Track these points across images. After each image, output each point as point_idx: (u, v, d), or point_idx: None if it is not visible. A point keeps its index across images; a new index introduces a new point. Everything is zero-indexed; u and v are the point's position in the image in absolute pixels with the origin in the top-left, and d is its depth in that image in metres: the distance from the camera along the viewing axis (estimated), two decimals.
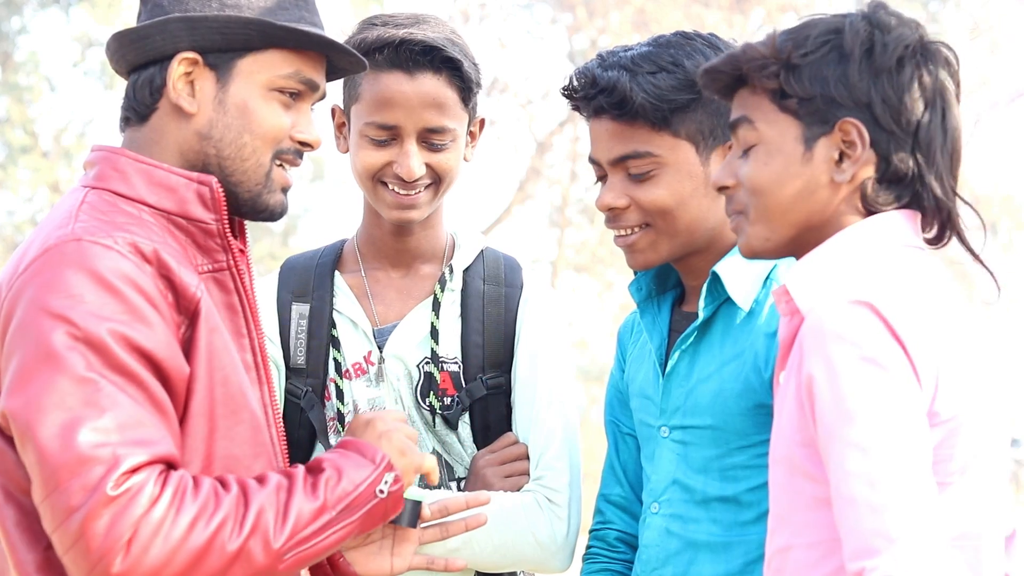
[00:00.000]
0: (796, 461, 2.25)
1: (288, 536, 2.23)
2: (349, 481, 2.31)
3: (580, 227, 19.39)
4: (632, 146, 2.70)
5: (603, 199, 2.74)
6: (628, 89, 2.67)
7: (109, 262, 2.22)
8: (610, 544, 2.89)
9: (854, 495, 2.13)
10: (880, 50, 2.29)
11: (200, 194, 2.37)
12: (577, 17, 18.52)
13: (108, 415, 2.16)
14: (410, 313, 2.97)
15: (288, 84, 2.42)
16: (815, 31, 2.32)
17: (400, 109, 2.87)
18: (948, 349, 2.22)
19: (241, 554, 2.20)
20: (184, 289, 2.29)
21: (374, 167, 2.90)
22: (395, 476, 2.36)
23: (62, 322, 2.18)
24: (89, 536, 2.13)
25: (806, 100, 2.31)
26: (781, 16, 17.74)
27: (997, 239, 18.02)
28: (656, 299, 2.83)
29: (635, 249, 2.74)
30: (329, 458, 2.35)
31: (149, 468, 2.17)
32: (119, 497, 2.13)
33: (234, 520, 2.20)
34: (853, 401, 2.15)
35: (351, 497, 2.31)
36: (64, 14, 18.45)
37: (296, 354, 2.98)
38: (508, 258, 3.04)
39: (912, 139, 2.30)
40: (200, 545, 2.17)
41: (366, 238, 3.02)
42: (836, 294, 2.22)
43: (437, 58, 2.87)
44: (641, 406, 2.81)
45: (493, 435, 2.93)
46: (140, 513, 2.14)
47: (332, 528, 2.28)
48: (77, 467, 2.14)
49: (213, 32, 2.37)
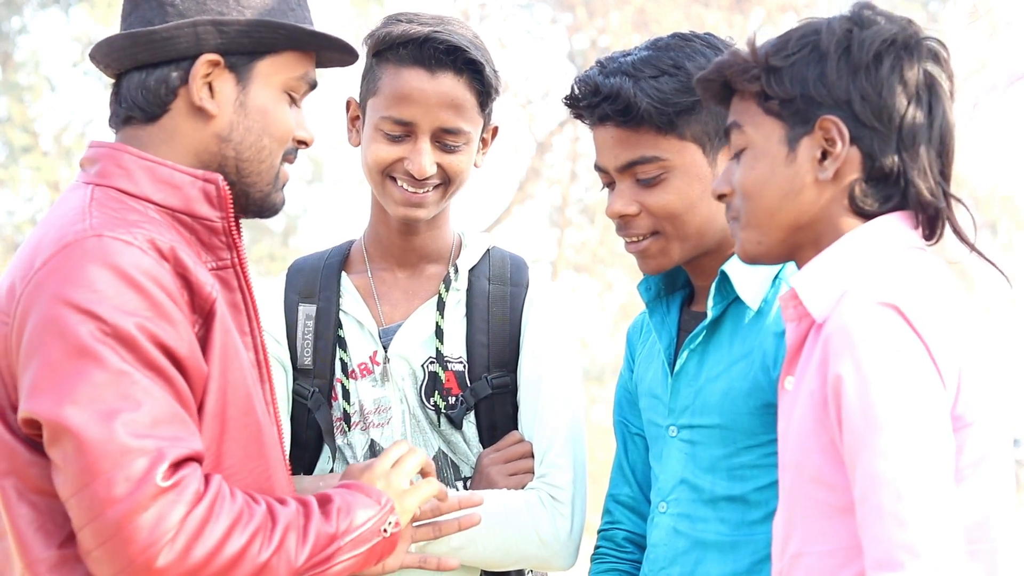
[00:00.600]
0: (809, 469, 2.25)
1: (308, 557, 2.26)
2: (358, 516, 2.35)
3: (580, 227, 19.38)
4: (639, 151, 2.70)
5: (613, 207, 2.74)
6: (632, 95, 2.67)
7: (131, 258, 2.22)
8: (618, 544, 2.90)
9: (881, 504, 2.13)
10: (857, 46, 2.30)
11: (206, 192, 2.37)
12: (577, 17, 18.51)
13: (145, 408, 2.16)
14: (415, 313, 2.98)
15: (299, 85, 2.45)
16: (797, 34, 2.34)
17: (417, 106, 2.87)
18: (969, 352, 2.23)
19: (266, 568, 2.21)
20: (200, 288, 2.29)
21: (385, 161, 2.90)
22: (396, 520, 2.41)
23: (89, 317, 2.17)
24: (133, 528, 2.12)
25: (787, 101, 2.32)
26: (781, 16, 17.73)
27: (997, 239, 18.02)
28: (665, 299, 2.84)
29: (647, 255, 2.74)
30: (337, 492, 2.38)
31: (191, 464, 2.18)
32: (169, 490, 2.13)
33: (264, 534, 2.22)
34: (883, 408, 2.15)
35: (360, 531, 2.34)
36: (64, 14, 18.45)
37: (303, 355, 2.98)
38: (515, 257, 3.04)
39: (896, 135, 2.29)
40: (236, 552, 2.18)
41: (373, 238, 3.03)
42: (860, 296, 2.22)
43: (460, 59, 2.87)
44: (650, 405, 2.81)
45: (499, 434, 2.94)
46: (186, 510, 2.14)
47: (342, 556, 2.32)
48: (120, 458, 2.12)
49: (242, 35, 2.38)
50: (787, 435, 2.32)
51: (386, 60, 2.90)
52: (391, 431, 2.94)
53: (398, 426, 2.94)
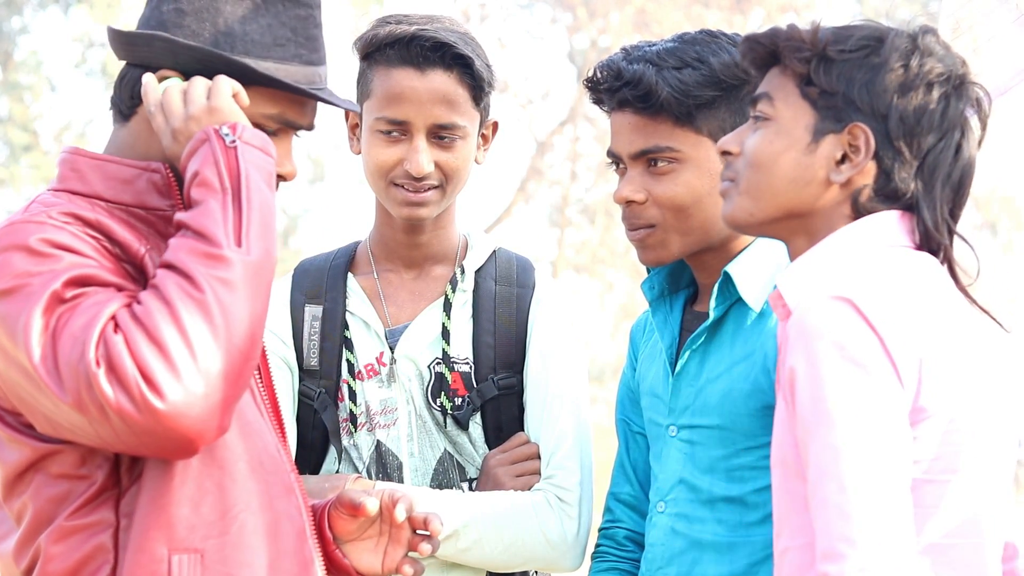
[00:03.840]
0: (790, 462, 2.26)
1: (233, 239, 2.19)
2: (204, 176, 2.24)
3: (580, 227, 19.38)
4: (654, 140, 2.71)
5: (621, 192, 2.74)
6: (654, 83, 2.67)
7: (40, 234, 2.21)
8: (619, 543, 2.90)
9: (826, 497, 2.15)
10: (916, 69, 2.31)
11: (153, 182, 2.34)
12: (577, 17, 18.51)
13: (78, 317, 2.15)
14: (421, 314, 2.98)
15: (266, 124, 2.38)
16: (860, 32, 2.34)
17: (410, 104, 2.88)
18: (933, 343, 2.23)
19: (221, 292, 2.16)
20: (127, 245, 2.27)
21: (386, 165, 2.91)
22: (226, 129, 2.27)
23: (8, 298, 2.17)
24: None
25: (828, 94, 2.32)
26: (781, 16, 17.74)
27: (997, 239, 18.02)
28: (669, 298, 2.84)
29: (645, 245, 2.74)
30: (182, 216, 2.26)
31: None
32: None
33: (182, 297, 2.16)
34: (832, 403, 2.17)
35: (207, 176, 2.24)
36: (64, 14, 18.45)
37: (309, 356, 2.98)
38: (521, 258, 3.05)
39: (919, 163, 2.32)
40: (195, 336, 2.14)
41: (378, 239, 3.03)
42: (818, 291, 2.23)
43: (448, 54, 2.88)
44: (651, 405, 2.81)
45: (505, 435, 2.94)
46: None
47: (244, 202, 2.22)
48: (68, 357, 2.12)
49: (195, 61, 2.34)
50: (774, 435, 2.33)
51: (376, 62, 2.92)
52: (397, 432, 2.95)
53: (404, 427, 2.95)
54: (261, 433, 2.37)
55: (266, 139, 2.30)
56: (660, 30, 16.90)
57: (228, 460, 2.30)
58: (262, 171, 2.26)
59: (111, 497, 2.27)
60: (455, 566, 2.89)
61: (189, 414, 2.11)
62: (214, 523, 2.27)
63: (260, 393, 2.42)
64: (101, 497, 2.26)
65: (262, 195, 2.24)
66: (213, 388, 2.13)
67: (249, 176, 2.24)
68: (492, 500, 2.85)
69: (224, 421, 2.16)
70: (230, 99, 2.31)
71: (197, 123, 2.29)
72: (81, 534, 2.24)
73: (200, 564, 2.26)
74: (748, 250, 2.72)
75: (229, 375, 2.15)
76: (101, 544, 2.25)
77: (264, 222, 2.23)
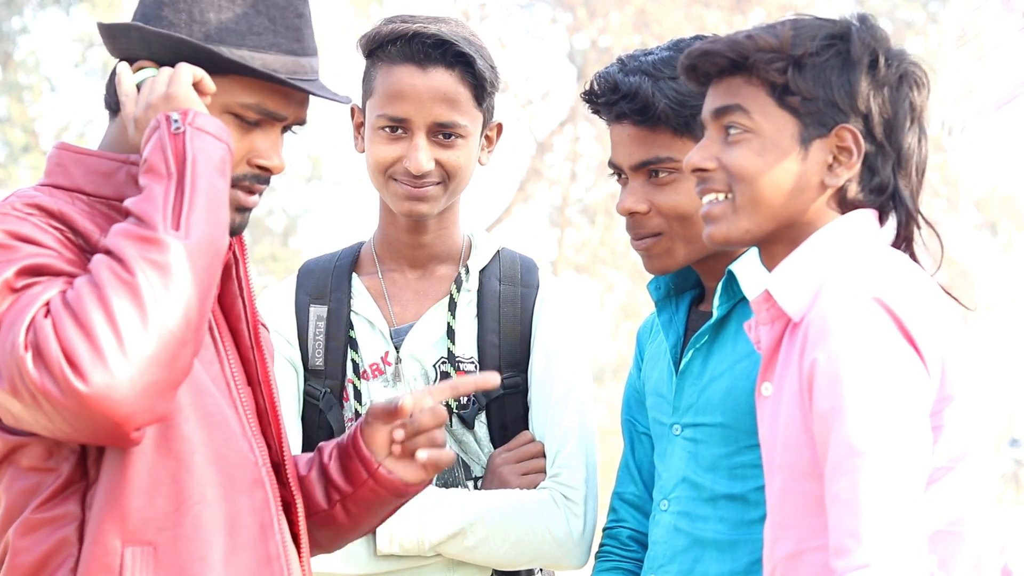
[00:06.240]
0: (803, 466, 2.26)
1: (170, 223, 2.18)
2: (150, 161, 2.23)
3: (580, 227, 19.38)
4: (654, 152, 2.72)
5: (624, 203, 2.74)
6: (650, 95, 2.68)
7: (2, 225, 2.21)
8: (622, 542, 2.90)
9: (839, 493, 2.16)
10: (884, 64, 2.32)
11: (132, 175, 2.33)
12: (577, 17, 18.51)
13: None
14: (426, 313, 2.98)
15: (245, 113, 2.37)
16: (820, 32, 2.33)
17: (410, 102, 2.88)
18: (950, 340, 2.25)
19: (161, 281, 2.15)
20: (89, 236, 2.26)
21: (385, 162, 2.91)
22: (176, 116, 2.25)
23: None
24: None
25: (808, 100, 2.32)
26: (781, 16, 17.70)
27: (997, 239, 18.02)
28: (674, 298, 2.84)
29: (651, 254, 2.75)
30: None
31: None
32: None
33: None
34: (851, 401, 2.17)
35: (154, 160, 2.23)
36: (64, 14, 18.45)
37: (314, 356, 2.99)
38: (525, 258, 3.05)
39: (896, 155, 2.33)
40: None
41: (382, 239, 3.03)
42: (841, 289, 2.23)
43: (449, 53, 2.88)
44: (655, 404, 2.82)
45: (510, 434, 2.95)
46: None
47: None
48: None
49: (167, 51, 2.33)
50: (774, 439, 2.33)
51: (379, 60, 2.92)
52: None
53: None
54: (224, 424, 2.34)
55: (221, 126, 2.28)
56: (660, 30, 16.89)
57: (184, 452, 2.27)
58: (211, 157, 2.24)
59: (78, 490, 2.25)
60: (461, 564, 2.89)
61: (114, 396, 2.09)
62: (168, 515, 2.25)
63: (234, 384, 2.39)
64: (68, 490, 2.25)
65: (209, 180, 2.22)
66: (140, 371, 2.11)
67: (196, 161, 2.22)
68: (498, 498, 2.86)
69: (157, 406, 2.14)
70: (187, 86, 2.30)
71: (154, 111, 2.29)
72: (47, 528, 2.23)
73: (153, 557, 2.23)
74: (753, 249, 2.73)
75: (160, 359, 2.12)
76: (66, 537, 2.23)
77: (210, 207, 2.21)
